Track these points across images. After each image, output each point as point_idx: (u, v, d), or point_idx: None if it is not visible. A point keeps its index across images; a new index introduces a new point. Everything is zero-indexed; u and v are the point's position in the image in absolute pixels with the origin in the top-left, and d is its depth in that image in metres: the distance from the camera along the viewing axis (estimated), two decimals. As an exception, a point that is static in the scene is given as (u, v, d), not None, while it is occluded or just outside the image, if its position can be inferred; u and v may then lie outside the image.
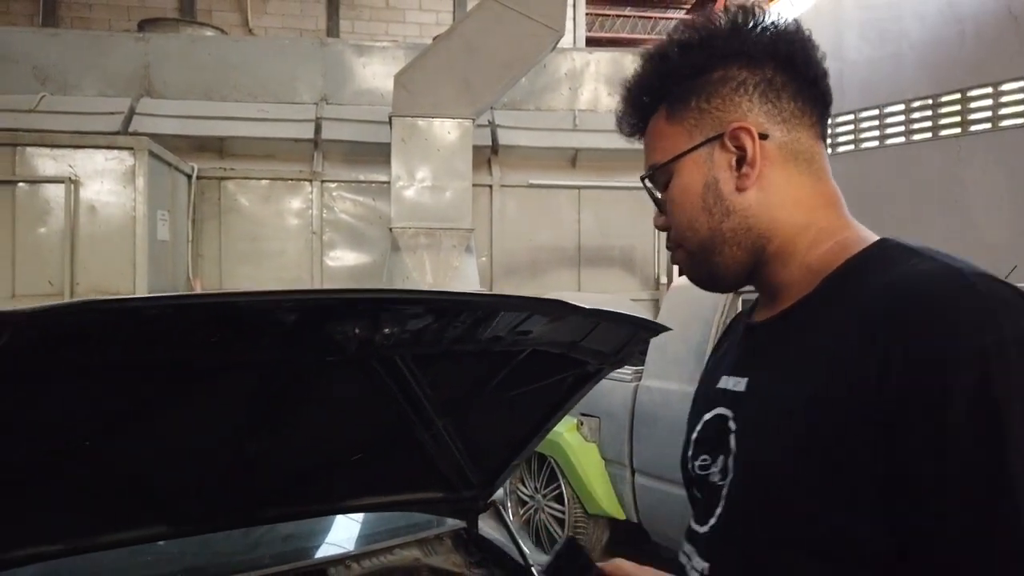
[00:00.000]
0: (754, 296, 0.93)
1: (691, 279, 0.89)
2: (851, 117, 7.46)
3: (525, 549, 1.96)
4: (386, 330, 1.16)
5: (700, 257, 0.84)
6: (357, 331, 1.12)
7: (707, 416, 0.88)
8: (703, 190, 0.81)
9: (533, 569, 1.90)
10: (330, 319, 1.09)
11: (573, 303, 1.24)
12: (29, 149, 5.36)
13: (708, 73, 0.81)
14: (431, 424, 1.67)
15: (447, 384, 1.56)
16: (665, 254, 7.73)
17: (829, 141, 4.81)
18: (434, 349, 1.34)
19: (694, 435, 0.92)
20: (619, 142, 0.94)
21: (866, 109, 7.33)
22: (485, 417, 1.74)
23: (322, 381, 1.39)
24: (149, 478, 1.48)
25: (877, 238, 0.79)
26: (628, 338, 1.51)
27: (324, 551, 2.06)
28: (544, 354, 1.52)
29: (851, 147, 7.52)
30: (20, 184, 5.33)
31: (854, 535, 0.67)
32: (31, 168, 5.36)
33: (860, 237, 0.79)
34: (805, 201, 0.81)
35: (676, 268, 9.13)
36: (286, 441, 1.51)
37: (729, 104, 0.80)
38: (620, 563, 1.01)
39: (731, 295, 3.41)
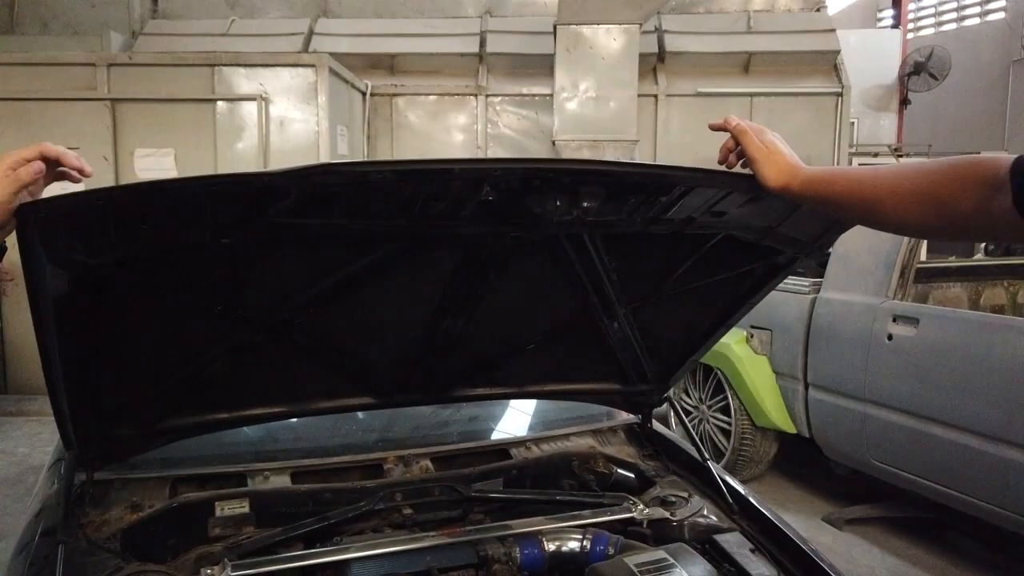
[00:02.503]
0: None
1: None
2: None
3: (700, 446, 1.96)
4: (585, 203, 1.17)
5: None
6: (558, 203, 1.14)
7: None
8: None
9: (710, 464, 1.90)
10: (533, 190, 1.12)
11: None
12: (225, 69, 5.80)
13: None
14: (614, 313, 1.68)
15: (634, 270, 1.56)
16: (846, 164, 7.18)
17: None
18: (627, 228, 1.34)
19: None
20: (798, 44, 0.85)
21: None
22: (667, 309, 1.73)
23: (516, 262, 1.43)
24: (358, 350, 1.62)
25: None
26: (828, 225, 1.43)
27: (507, 433, 2.17)
28: (736, 241, 1.48)
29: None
30: (219, 102, 5.79)
31: None
32: (228, 86, 5.80)
33: None
34: None
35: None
36: (478, 322, 1.59)
37: None
38: None
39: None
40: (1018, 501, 2.67)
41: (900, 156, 9.28)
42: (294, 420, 1.90)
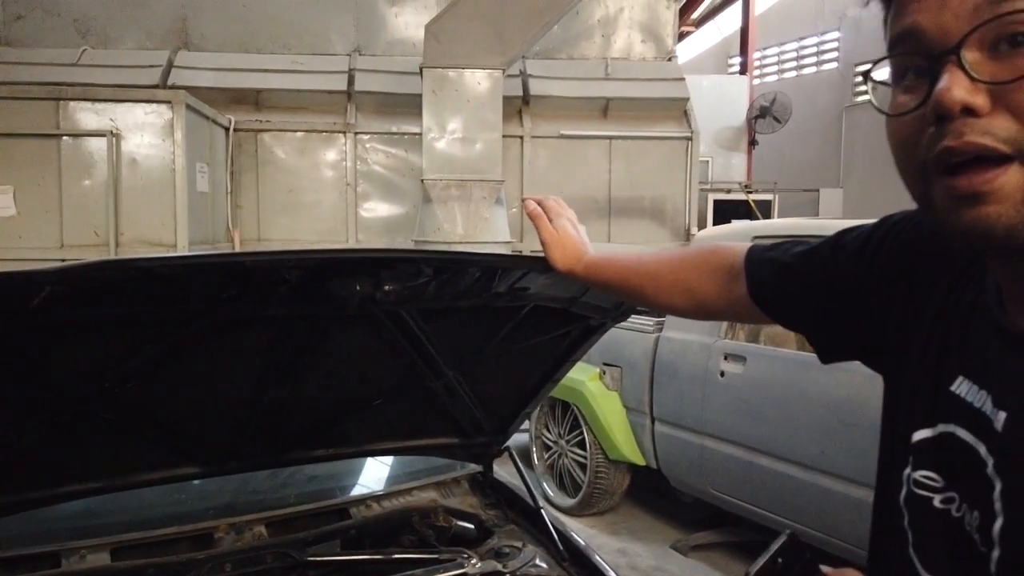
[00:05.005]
0: None
1: (994, 228, 0.57)
2: None
3: (545, 491, 2.06)
4: (387, 287, 1.23)
5: None
6: (358, 288, 1.20)
7: (942, 428, 0.71)
8: None
9: (543, 512, 2.00)
10: (332, 277, 1.17)
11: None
12: (72, 103, 5.51)
13: None
14: (442, 374, 1.75)
15: (454, 337, 1.64)
16: (695, 206, 7.68)
17: None
18: (436, 305, 1.41)
19: (919, 435, 0.74)
20: (651, 91, 0.94)
21: None
22: (495, 368, 1.82)
23: (335, 334, 1.48)
24: (179, 421, 1.60)
25: None
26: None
27: (346, 492, 2.19)
28: (547, 309, 1.59)
29: None
30: (64, 137, 5.50)
31: None
32: (74, 122, 5.52)
33: None
34: None
35: (712, 215, 8.84)
36: (306, 388, 1.62)
37: None
38: (851, 573, 0.89)
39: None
40: (835, 525, 2.93)
41: (750, 192, 10.00)
42: (118, 495, 1.84)
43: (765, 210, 9.63)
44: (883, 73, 0.64)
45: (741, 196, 9.75)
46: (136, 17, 7.57)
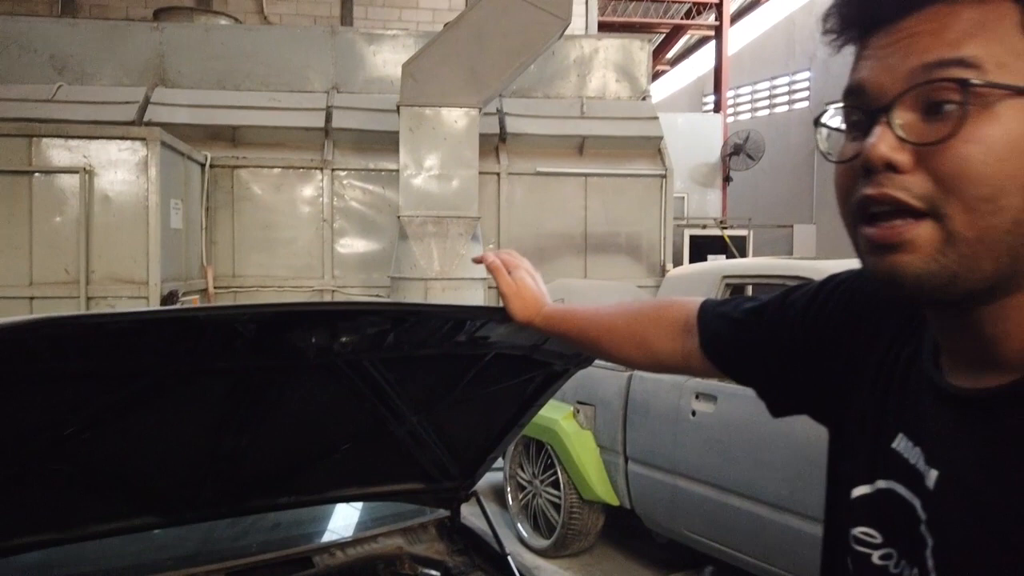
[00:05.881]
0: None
1: (903, 276, 0.61)
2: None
3: (519, 532, 2.04)
4: (344, 338, 1.23)
5: (964, 248, 0.58)
6: (315, 340, 1.20)
7: (881, 484, 0.72)
8: None
9: (509, 558, 1.98)
10: (288, 329, 1.17)
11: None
12: (44, 140, 5.49)
13: None
14: (406, 420, 1.75)
15: (418, 384, 1.63)
16: (671, 242, 7.76)
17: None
18: (397, 354, 1.41)
19: (858, 491, 0.76)
20: (626, 129, 0.94)
21: None
22: (460, 413, 1.81)
23: (295, 383, 1.47)
24: (136, 472, 1.57)
25: None
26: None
27: (310, 540, 2.15)
28: (509, 356, 1.59)
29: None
30: (36, 174, 5.46)
31: None
32: (46, 158, 5.48)
33: None
34: None
35: (686, 252, 8.95)
36: (266, 437, 1.60)
37: None
38: None
39: (721, 286, 3.46)
40: (805, 566, 2.93)
41: (725, 228, 10.12)
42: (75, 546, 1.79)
43: (740, 245, 9.75)
44: (837, 120, 0.68)
45: (717, 232, 9.87)
46: (113, 54, 7.58)
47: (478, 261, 1.38)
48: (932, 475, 0.65)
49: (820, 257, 4.44)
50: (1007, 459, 0.59)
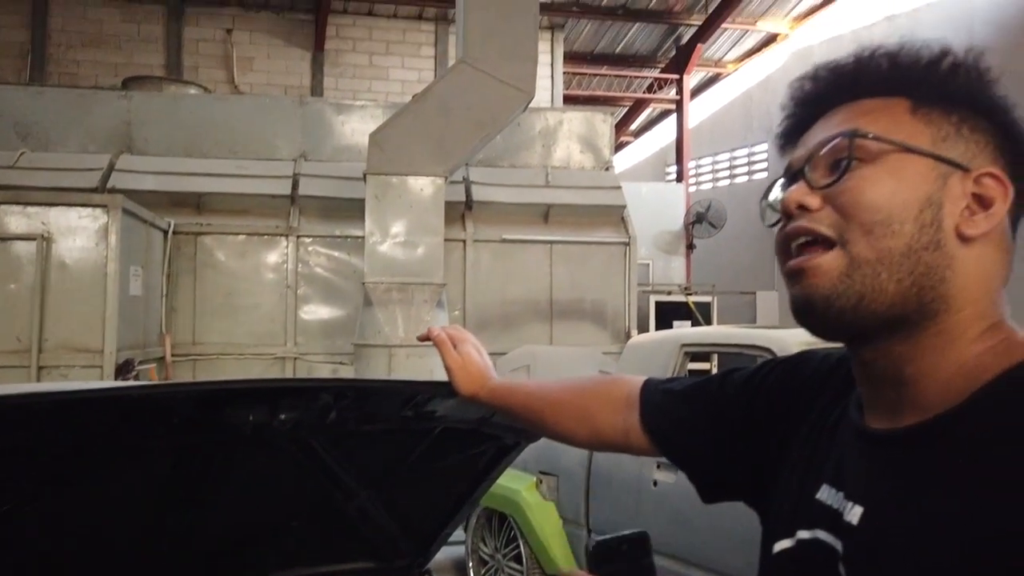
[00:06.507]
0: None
1: (813, 298, 0.70)
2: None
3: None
4: (283, 415, 1.21)
5: (867, 269, 0.67)
6: (252, 417, 1.18)
7: (803, 535, 0.75)
8: (924, 202, 0.67)
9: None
10: (224, 407, 1.15)
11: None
12: (2, 207, 5.43)
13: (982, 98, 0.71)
14: (354, 496, 1.70)
15: (365, 459, 1.60)
16: (635, 308, 7.84)
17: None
18: (341, 430, 1.39)
19: (779, 546, 0.78)
20: (590, 198, 0.99)
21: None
22: (410, 488, 1.78)
23: (238, 459, 1.43)
24: (71, 553, 1.51)
25: None
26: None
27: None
28: (458, 430, 1.58)
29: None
30: (-8, 241, 5.39)
31: None
32: (2, 225, 5.42)
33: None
34: (997, 284, 0.69)
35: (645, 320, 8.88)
36: (209, 515, 1.55)
37: (984, 148, 0.69)
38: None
39: (680, 354, 3.48)
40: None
41: (690, 295, 10.27)
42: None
43: (705, 311, 9.88)
44: (777, 194, 0.79)
45: (681, 298, 10.00)
46: (80, 121, 7.60)
47: (423, 338, 1.38)
48: (851, 510, 0.69)
49: (782, 325, 4.51)
50: (921, 493, 0.63)
